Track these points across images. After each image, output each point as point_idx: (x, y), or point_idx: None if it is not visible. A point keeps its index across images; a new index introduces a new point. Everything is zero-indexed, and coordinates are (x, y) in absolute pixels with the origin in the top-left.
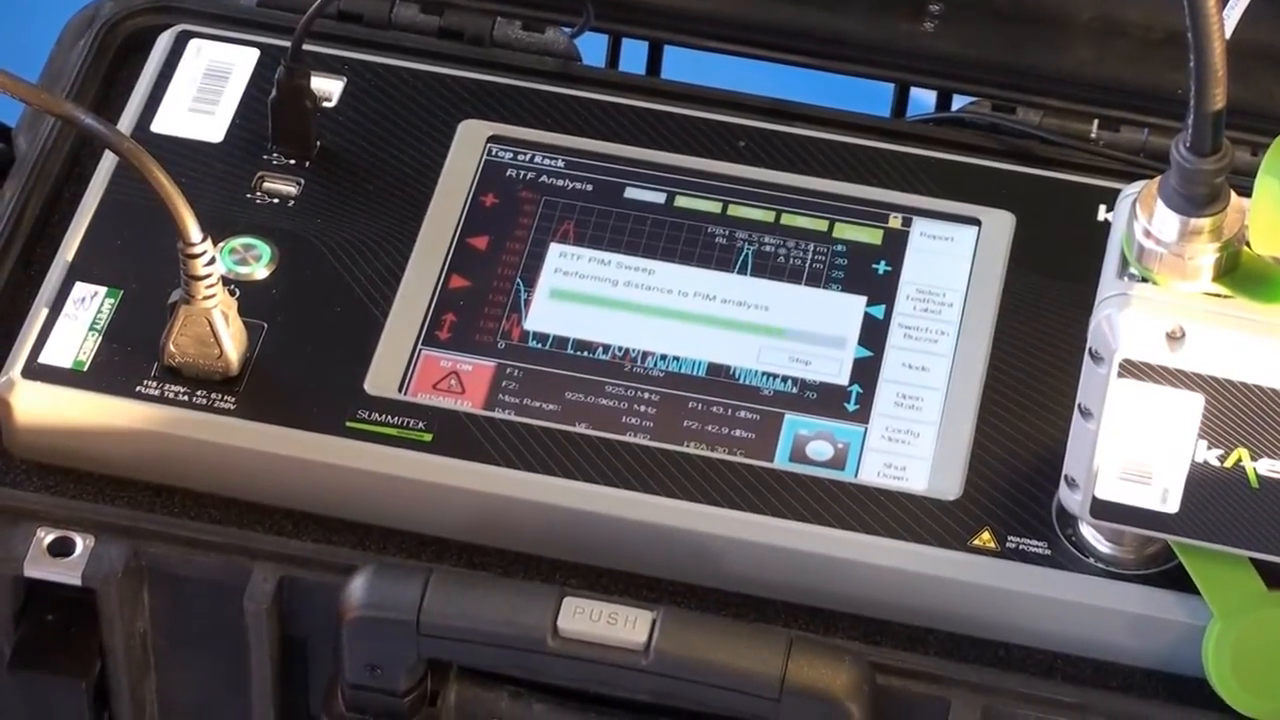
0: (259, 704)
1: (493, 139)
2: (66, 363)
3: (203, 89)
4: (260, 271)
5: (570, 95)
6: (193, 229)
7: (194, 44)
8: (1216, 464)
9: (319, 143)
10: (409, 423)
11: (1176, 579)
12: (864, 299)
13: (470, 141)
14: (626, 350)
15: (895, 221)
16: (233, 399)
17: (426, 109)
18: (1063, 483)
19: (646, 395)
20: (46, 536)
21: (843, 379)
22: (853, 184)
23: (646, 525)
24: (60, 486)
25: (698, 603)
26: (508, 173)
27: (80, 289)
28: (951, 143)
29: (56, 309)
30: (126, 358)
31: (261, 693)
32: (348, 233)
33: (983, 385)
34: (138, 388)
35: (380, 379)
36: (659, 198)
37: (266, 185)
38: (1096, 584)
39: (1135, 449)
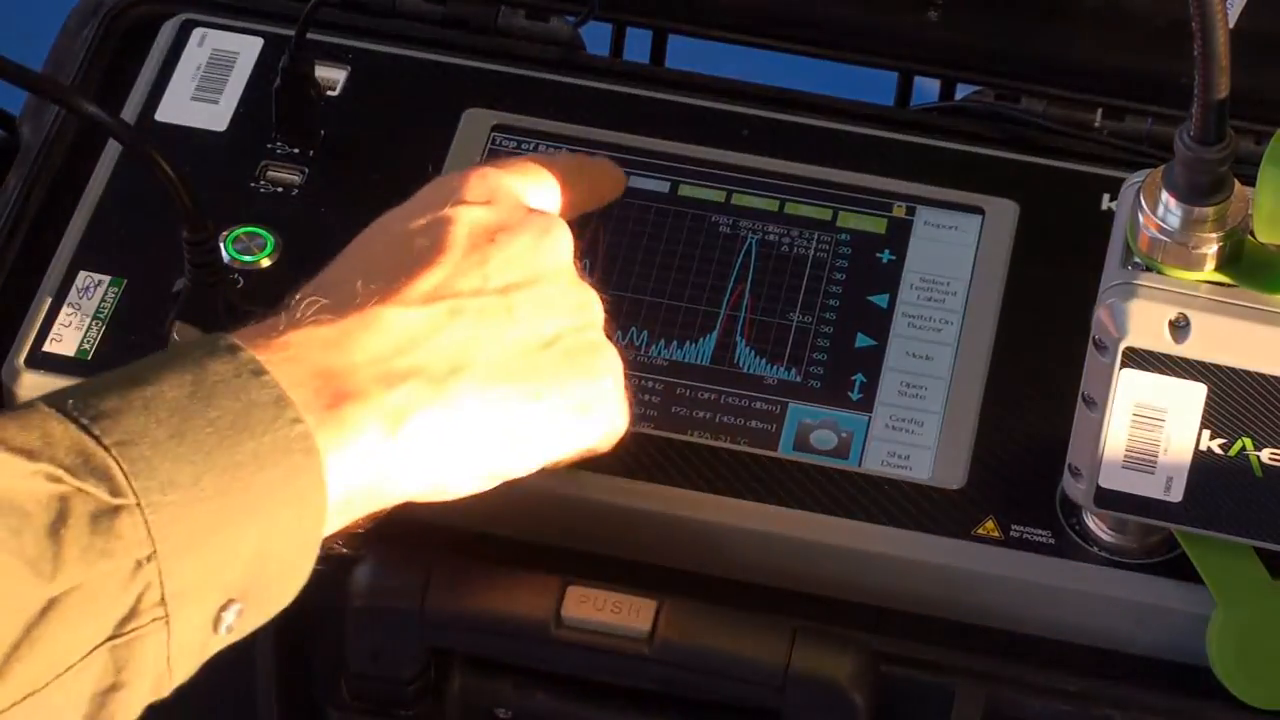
0: (263, 693)
1: (497, 128)
2: (70, 351)
3: (206, 78)
4: (264, 261)
5: (574, 84)
6: (196, 218)
7: (198, 32)
8: (1220, 453)
9: (323, 132)
10: None
11: (1180, 568)
12: None
13: (474, 130)
14: (631, 338)
15: (899, 210)
16: None
17: (431, 98)
18: (1066, 472)
19: (651, 384)
20: None
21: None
22: (857, 173)
23: (650, 514)
24: None
25: (702, 591)
26: None
27: (84, 278)
28: (955, 132)
29: (60, 298)
30: (131, 346)
31: (265, 682)
32: (352, 222)
33: (987, 374)
34: None
35: None
36: (663, 187)
37: (270, 174)
38: (1100, 573)
39: (1139, 438)
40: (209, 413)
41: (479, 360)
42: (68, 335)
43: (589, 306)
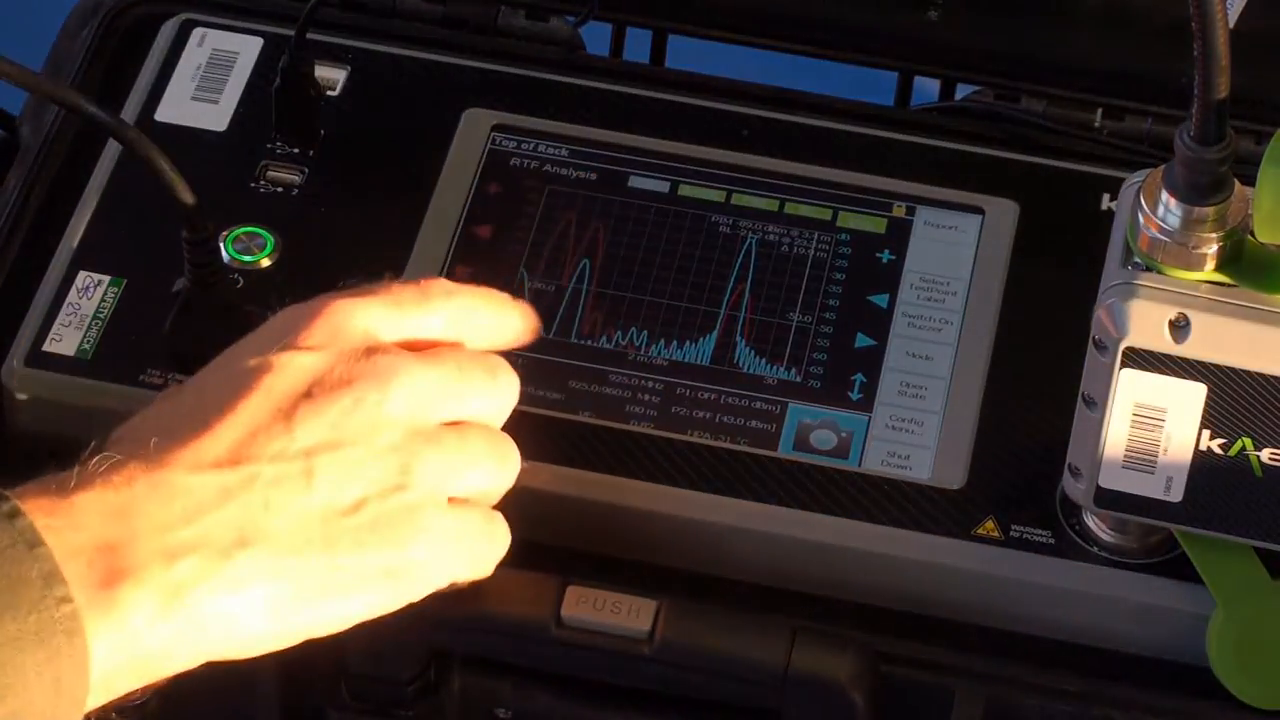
0: (262, 693)
1: (497, 128)
2: (70, 351)
3: (206, 78)
4: (264, 260)
5: (574, 84)
6: (196, 218)
7: (198, 32)
8: (1220, 453)
9: (323, 132)
10: None
11: (1180, 568)
12: None
13: (474, 130)
14: (630, 338)
15: (899, 210)
16: None
17: (430, 98)
18: (1066, 471)
19: (650, 384)
20: None
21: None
22: (857, 173)
23: (650, 513)
24: None
25: (701, 591)
26: (512, 161)
27: (84, 277)
28: (955, 131)
29: (60, 297)
30: (130, 346)
31: (265, 682)
32: (351, 222)
33: (987, 374)
34: (141, 376)
35: None
36: (663, 187)
37: (270, 174)
38: (1100, 573)
39: (1139, 438)
40: None
41: (269, 531)
42: (68, 335)
43: (405, 470)
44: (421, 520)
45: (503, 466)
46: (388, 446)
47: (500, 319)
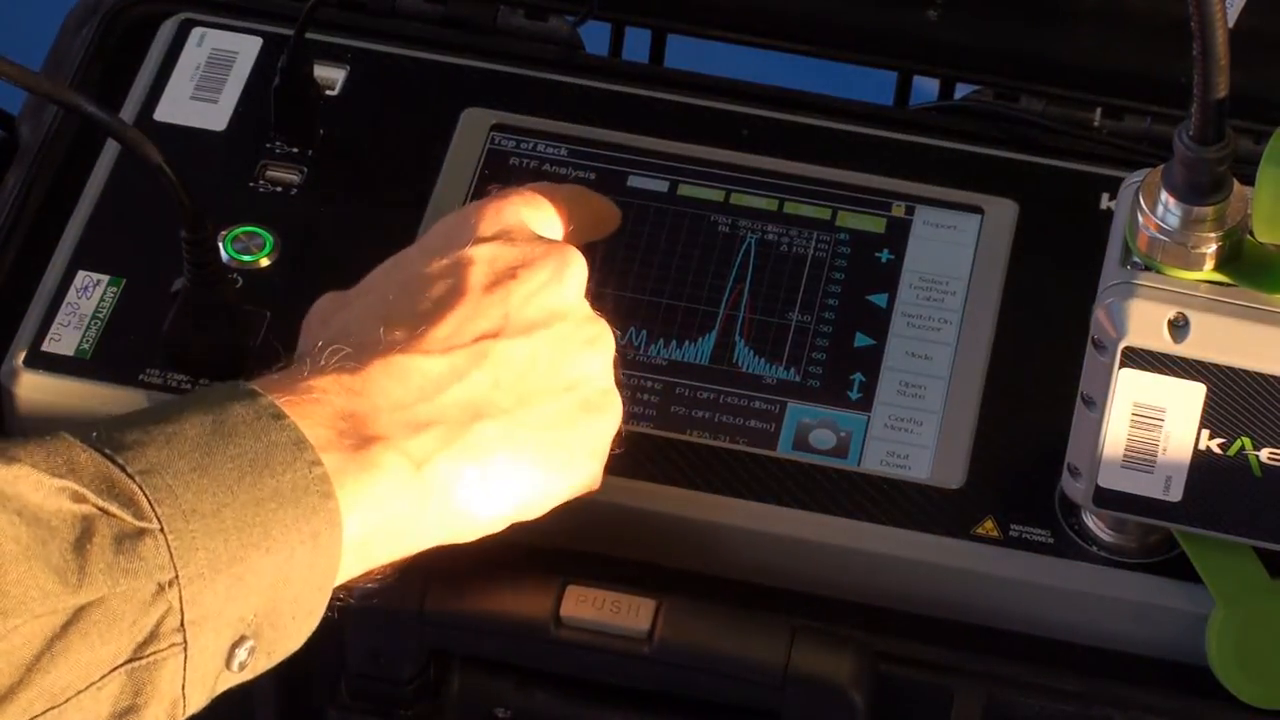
0: (262, 693)
1: (496, 127)
2: (69, 351)
3: (205, 77)
4: (263, 260)
5: (573, 83)
6: (195, 217)
7: (197, 32)
8: (1219, 452)
9: (322, 131)
10: None
11: (1179, 567)
12: None
13: (473, 130)
14: (630, 338)
15: (898, 210)
16: None
17: (430, 97)
18: (1065, 471)
19: (649, 383)
20: None
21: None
22: (856, 172)
23: (649, 513)
24: None
25: (701, 591)
26: (511, 161)
27: (83, 277)
28: (955, 131)
29: (59, 297)
30: (129, 346)
31: (265, 682)
32: (351, 221)
33: (986, 374)
34: (141, 376)
35: None
36: (662, 186)
37: (269, 174)
38: (1099, 572)
39: (1138, 437)
40: (229, 449)
41: (501, 405)
42: (67, 335)
43: (605, 344)
44: (615, 400)
45: None
46: (585, 322)
47: (594, 217)
